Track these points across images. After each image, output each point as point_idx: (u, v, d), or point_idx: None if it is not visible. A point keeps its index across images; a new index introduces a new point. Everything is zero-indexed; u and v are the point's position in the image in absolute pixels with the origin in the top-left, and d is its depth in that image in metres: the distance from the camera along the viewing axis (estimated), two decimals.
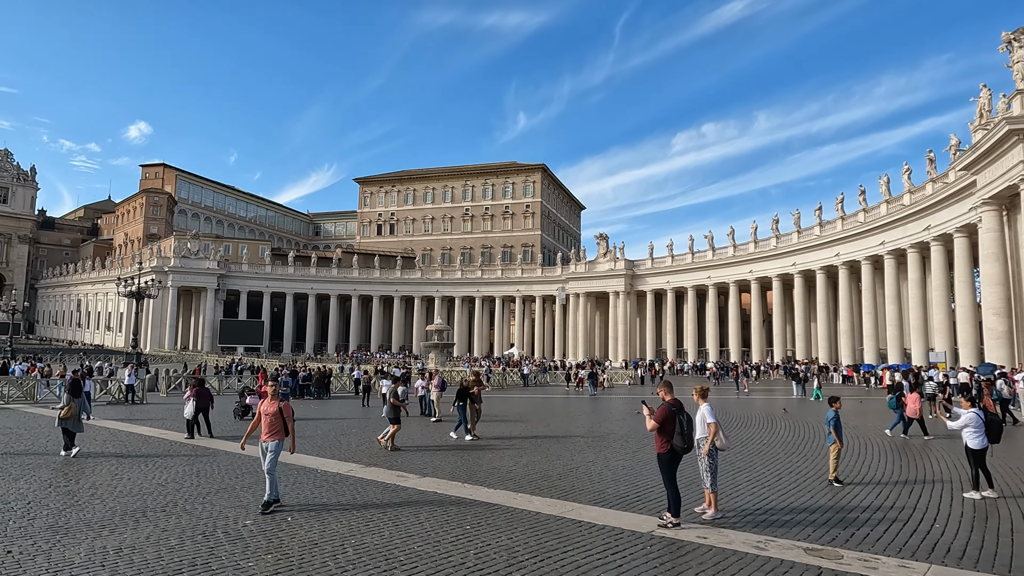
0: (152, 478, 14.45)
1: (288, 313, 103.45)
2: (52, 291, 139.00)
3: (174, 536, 9.81)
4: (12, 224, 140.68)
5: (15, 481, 13.85)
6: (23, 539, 9.55)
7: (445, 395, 28.80)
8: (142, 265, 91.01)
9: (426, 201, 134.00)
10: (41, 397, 34.69)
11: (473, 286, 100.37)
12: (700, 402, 11.61)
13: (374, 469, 15.75)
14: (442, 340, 74.78)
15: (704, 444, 11.26)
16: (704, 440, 11.30)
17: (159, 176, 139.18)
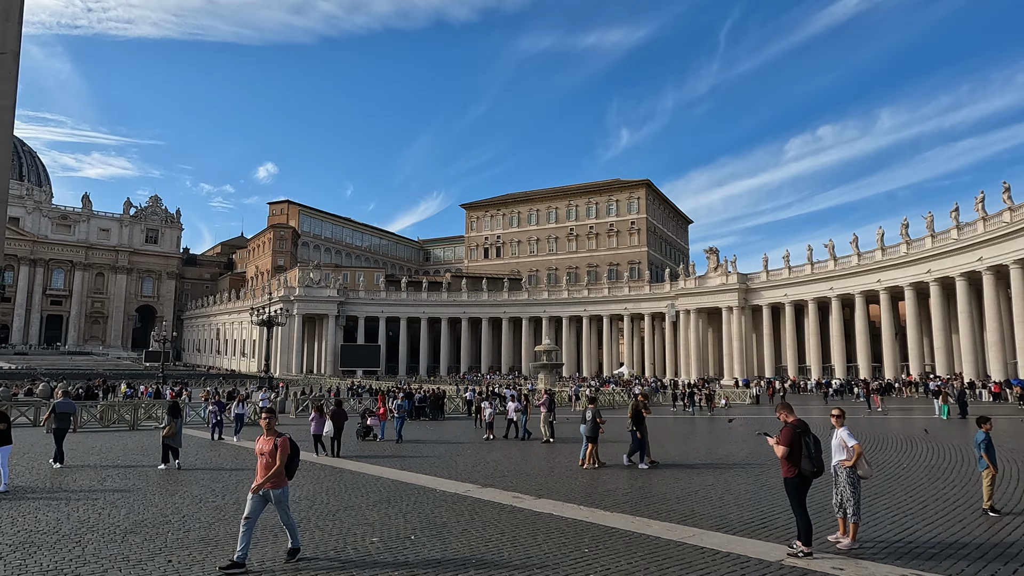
0: (291, 495, 15.42)
1: (402, 337, 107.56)
2: (195, 321, 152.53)
3: (309, 550, 10.42)
4: (161, 262, 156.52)
5: (171, 496, 15.25)
6: (180, 550, 10.50)
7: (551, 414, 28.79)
8: (271, 295, 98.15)
9: (531, 223, 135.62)
10: (188, 419, 37.96)
11: (580, 305, 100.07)
12: (837, 425, 10.97)
13: (490, 490, 15.99)
14: (551, 360, 74.89)
15: (842, 469, 10.60)
16: (840, 466, 10.65)
17: (284, 212, 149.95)
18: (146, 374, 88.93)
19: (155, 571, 9.36)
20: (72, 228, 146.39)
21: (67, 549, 10.52)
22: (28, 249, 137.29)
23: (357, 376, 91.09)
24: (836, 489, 10.74)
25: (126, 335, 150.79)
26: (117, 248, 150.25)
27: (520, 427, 29.06)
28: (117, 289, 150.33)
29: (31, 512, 13.34)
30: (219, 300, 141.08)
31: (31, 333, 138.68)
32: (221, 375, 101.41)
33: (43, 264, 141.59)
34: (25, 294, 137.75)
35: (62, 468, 19.54)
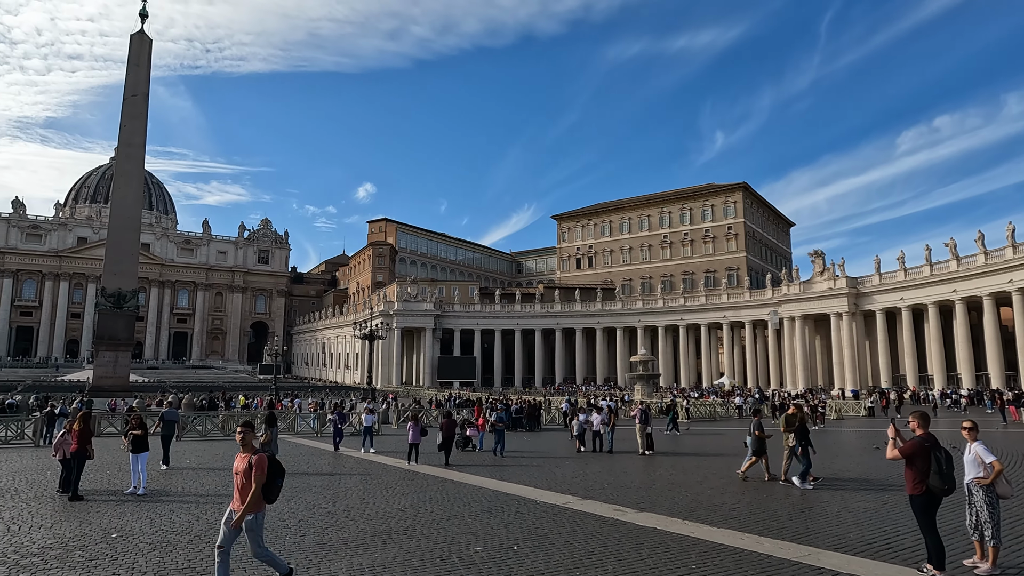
0: (393, 503, 15.95)
1: (497, 348, 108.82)
2: (303, 336, 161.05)
3: (416, 558, 10.71)
4: (272, 281, 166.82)
5: (286, 502, 16.10)
6: (297, 553, 11.08)
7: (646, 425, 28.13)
8: (372, 310, 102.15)
9: (622, 231, 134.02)
10: (300, 428, 40.03)
11: (676, 314, 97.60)
12: (971, 439, 10.11)
13: (590, 502, 15.84)
14: (647, 371, 73.50)
15: (977, 488, 9.75)
16: (975, 484, 9.79)
17: (382, 229, 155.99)
18: (260, 386, 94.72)
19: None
20: (194, 251, 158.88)
21: (198, 549, 11.34)
22: (157, 272, 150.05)
23: (454, 387, 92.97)
24: (970, 509, 9.87)
25: (242, 350, 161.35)
26: (233, 269, 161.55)
27: (607, 440, 28.15)
28: (233, 307, 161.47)
29: (166, 514, 14.49)
30: (324, 316, 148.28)
31: (161, 349, 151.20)
32: (327, 387, 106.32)
33: (170, 285, 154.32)
34: (155, 313, 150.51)
35: (169, 470, 21.74)
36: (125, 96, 54.75)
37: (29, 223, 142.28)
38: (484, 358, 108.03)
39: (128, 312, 51.59)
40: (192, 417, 37.77)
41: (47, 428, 31.27)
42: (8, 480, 19.83)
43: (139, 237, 58.33)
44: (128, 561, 10.53)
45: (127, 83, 55.03)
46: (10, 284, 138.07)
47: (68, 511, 14.90)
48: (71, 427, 17.34)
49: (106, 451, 25.27)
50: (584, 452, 27.70)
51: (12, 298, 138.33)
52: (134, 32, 55.74)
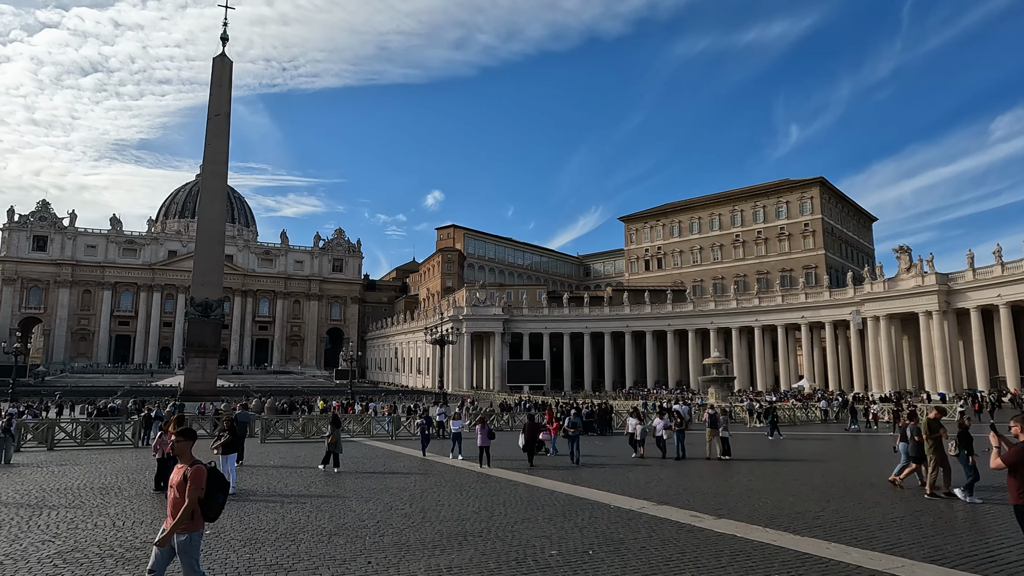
0: (468, 505, 16.15)
1: (566, 352, 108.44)
2: (376, 341, 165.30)
3: (492, 560, 10.81)
4: (346, 288, 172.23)
5: (365, 503, 16.58)
6: (377, 553, 11.38)
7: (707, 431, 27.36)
8: (442, 315, 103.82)
9: (692, 232, 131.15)
10: (375, 432, 41.05)
11: (750, 315, 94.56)
12: None
13: (666, 507, 15.57)
14: (721, 374, 71.50)
15: None
16: None
17: (450, 236, 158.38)
18: (336, 390, 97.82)
19: (357, 571, 10.22)
20: (274, 262, 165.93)
21: (284, 547, 11.82)
22: (240, 282, 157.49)
23: (523, 391, 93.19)
24: None
25: (319, 355, 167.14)
26: (309, 277, 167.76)
27: (674, 446, 26.99)
28: (310, 314, 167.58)
29: (254, 512, 15.18)
30: (395, 321, 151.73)
31: (244, 355, 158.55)
32: (400, 391, 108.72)
33: (252, 294, 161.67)
34: (239, 321, 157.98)
35: (241, 466, 22.78)
36: (209, 116, 57.85)
37: (125, 239, 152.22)
38: (553, 362, 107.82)
39: (215, 320, 54.34)
40: (274, 420, 39.39)
41: (145, 430, 33.34)
42: (112, 478, 21.27)
43: (223, 249, 61.37)
44: (221, 557, 11.09)
45: (210, 104, 58.13)
46: (109, 296, 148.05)
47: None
48: (166, 429, 18.43)
49: (197, 452, 26.68)
50: (645, 458, 26.99)
51: (112, 309, 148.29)
52: (216, 55, 58.84)
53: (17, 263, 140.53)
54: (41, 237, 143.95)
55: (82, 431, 34.37)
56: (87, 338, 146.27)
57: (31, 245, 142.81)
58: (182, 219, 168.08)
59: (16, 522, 14.05)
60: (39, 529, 13.33)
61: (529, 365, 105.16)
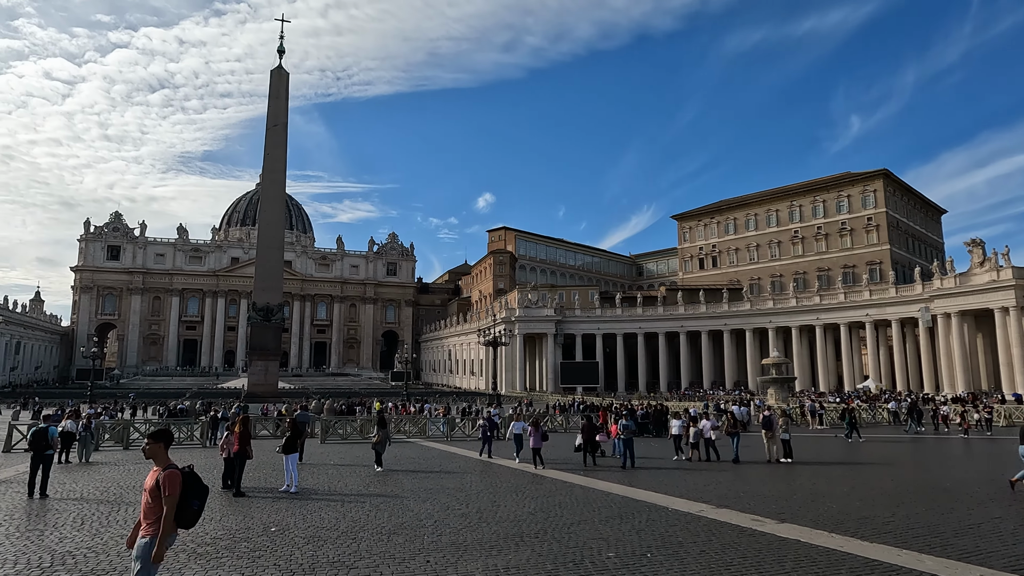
0: (523, 506, 16.19)
1: (619, 353, 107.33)
2: (430, 343, 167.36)
3: (549, 561, 10.81)
4: (400, 292, 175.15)
5: (422, 503, 16.82)
6: (435, 552, 11.53)
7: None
8: (495, 317, 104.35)
9: (748, 229, 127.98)
10: (431, 432, 41.55)
11: (811, 313, 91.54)
12: None
13: (726, 511, 15.25)
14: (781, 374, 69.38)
15: None
16: None
17: (501, 238, 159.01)
18: (392, 392, 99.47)
19: (417, 569, 10.38)
20: (330, 266, 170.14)
21: (345, 544, 12.11)
22: (298, 287, 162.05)
23: (577, 392, 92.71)
24: None
25: (375, 357, 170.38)
26: (365, 281, 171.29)
27: (733, 448, 26.06)
28: (366, 317, 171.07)
29: (316, 511, 15.60)
30: (449, 324, 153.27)
31: (303, 358, 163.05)
32: (454, 392, 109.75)
33: (309, 299, 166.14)
34: (298, 325, 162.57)
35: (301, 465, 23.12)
36: (267, 127, 59.83)
37: (191, 247, 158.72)
38: (606, 363, 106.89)
39: (275, 324, 56.11)
40: (333, 421, 40.34)
41: (212, 431, 34.65)
42: None
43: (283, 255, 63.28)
44: (286, 553, 11.45)
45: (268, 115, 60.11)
46: (177, 302, 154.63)
47: (233, 506, 16.44)
48: (233, 429, 19.12)
49: (260, 452, 27.56)
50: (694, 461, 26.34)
51: (180, 314, 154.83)
52: (273, 68, 60.79)
53: (93, 272, 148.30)
54: (114, 247, 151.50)
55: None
56: (157, 342, 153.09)
57: (105, 255, 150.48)
58: (244, 227, 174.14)
59: (97, 517, 14.83)
60: (118, 524, 14.04)
61: (582, 366, 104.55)
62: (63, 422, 25.86)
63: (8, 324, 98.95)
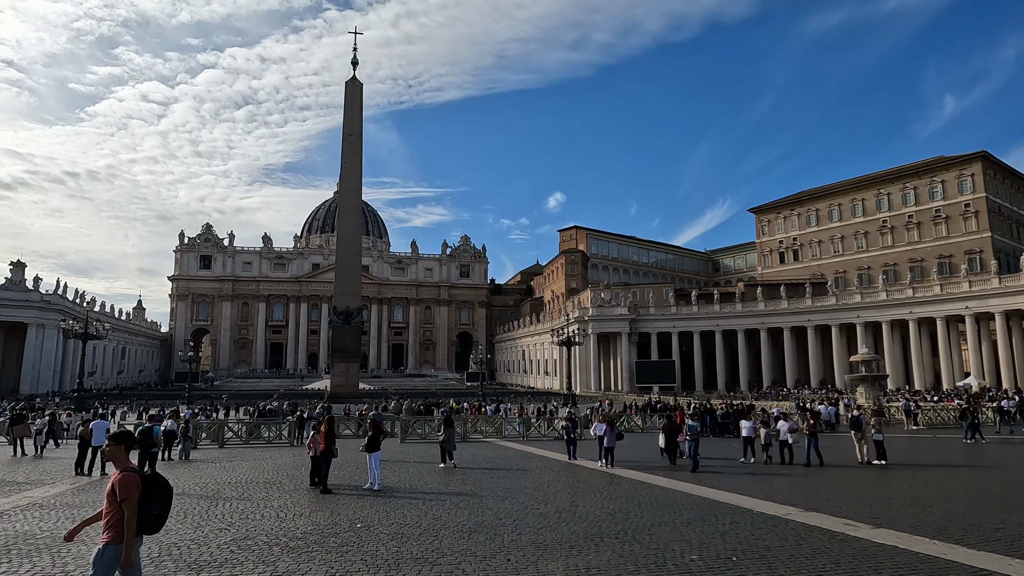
0: (602, 507, 16.07)
1: (696, 351, 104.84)
2: (503, 344, 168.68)
3: (630, 562, 10.68)
4: (473, 293, 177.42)
5: (501, 502, 16.97)
6: (516, 551, 11.61)
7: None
8: (568, 317, 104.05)
9: (831, 220, 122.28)
10: (507, 432, 41.86)
11: (903, 307, 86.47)
12: None
13: (815, 514, 14.63)
14: (871, 371, 65.87)
15: None
16: None
17: (573, 237, 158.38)
18: (468, 392, 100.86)
19: (498, 567, 10.49)
20: (405, 270, 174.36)
21: (428, 541, 12.37)
22: (376, 290, 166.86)
23: (653, 392, 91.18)
24: None
25: (450, 358, 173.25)
26: (439, 284, 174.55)
27: (808, 451, 24.58)
28: (441, 319, 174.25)
29: (399, 508, 16.02)
30: (522, 324, 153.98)
31: (382, 359, 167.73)
32: (528, 393, 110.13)
33: (386, 302, 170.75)
34: (376, 327, 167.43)
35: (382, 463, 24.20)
36: (343, 137, 61.86)
37: (275, 255, 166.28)
38: (683, 362, 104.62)
39: (355, 327, 57.93)
40: (412, 421, 41.31)
41: (299, 430, 36.15)
42: (273, 474, 23.29)
43: (360, 261, 65.25)
44: (371, 549, 11.81)
45: (344, 125, 62.14)
46: (263, 307, 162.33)
47: (321, 502, 17.10)
48: (319, 429, 19.89)
49: (343, 450, 28.55)
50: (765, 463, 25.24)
51: (266, 319, 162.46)
52: (347, 80, 62.82)
53: (188, 280, 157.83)
54: (206, 257, 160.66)
55: (246, 431, 37.97)
56: (246, 346, 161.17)
57: (198, 264, 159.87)
58: (323, 234, 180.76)
59: (198, 511, 15.76)
60: (216, 518, 14.87)
61: (658, 365, 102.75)
62: (165, 422, 27.63)
63: (115, 331, 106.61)
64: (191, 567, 10.62)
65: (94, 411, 34.52)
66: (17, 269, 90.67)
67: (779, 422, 26.61)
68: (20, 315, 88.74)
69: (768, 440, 26.00)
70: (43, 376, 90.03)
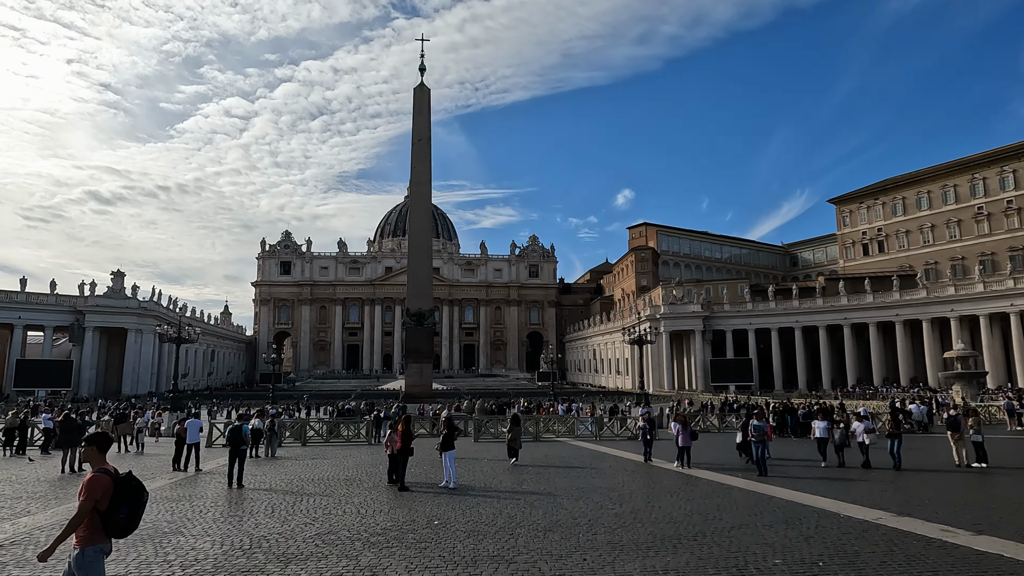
0: (679, 508, 15.78)
1: (774, 349, 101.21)
2: (574, 343, 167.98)
3: (710, 565, 10.45)
4: (542, 293, 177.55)
5: (575, 501, 16.92)
6: (592, 551, 11.56)
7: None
8: (639, 315, 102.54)
9: (920, 208, 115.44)
10: (579, 432, 41.68)
11: (1004, 300, 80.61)
12: None
13: (908, 519, 13.87)
14: (967, 368, 62.08)
15: None
16: None
17: (642, 234, 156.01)
18: (539, 392, 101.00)
19: (574, 567, 10.48)
20: (475, 271, 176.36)
21: (503, 540, 12.49)
22: (447, 292, 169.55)
23: (729, 391, 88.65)
24: None
25: (521, 358, 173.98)
26: (508, 284, 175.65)
27: (893, 453, 23.02)
28: (511, 319, 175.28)
29: (474, 506, 16.23)
30: (592, 323, 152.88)
31: (454, 360, 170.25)
32: (600, 392, 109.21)
33: (457, 303, 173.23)
34: (448, 328, 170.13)
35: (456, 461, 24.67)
36: (412, 142, 63.22)
37: (350, 259, 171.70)
38: (761, 359, 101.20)
39: (428, 329, 59.07)
40: (485, 420, 41.75)
41: (376, 429, 37.18)
42: (353, 471, 24.06)
43: (431, 263, 66.46)
44: (449, 546, 12.03)
45: (413, 130, 63.50)
46: (340, 310, 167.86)
47: (399, 499, 17.55)
48: (396, 428, 20.41)
49: (419, 449, 29.19)
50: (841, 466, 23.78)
51: (343, 322, 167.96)
52: (416, 86, 64.15)
53: (269, 286, 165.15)
54: (286, 262, 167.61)
55: (326, 429, 39.40)
56: (325, 348, 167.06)
57: (279, 270, 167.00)
58: (395, 237, 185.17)
59: (284, 506, 16.48)
60: (301, 513, 15.51)
61: (734, 363, 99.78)
62: (252, 421, 28.98)
63: (204, 335, 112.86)
64: (280, 559, 11.12)
65: (188, 411, 36.62)
66: (117, 279, 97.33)
67: (855, 422, 25.11)
68: (121, 321, 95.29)
69: (843, 441, 24.66)
70: (142, 378, 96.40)
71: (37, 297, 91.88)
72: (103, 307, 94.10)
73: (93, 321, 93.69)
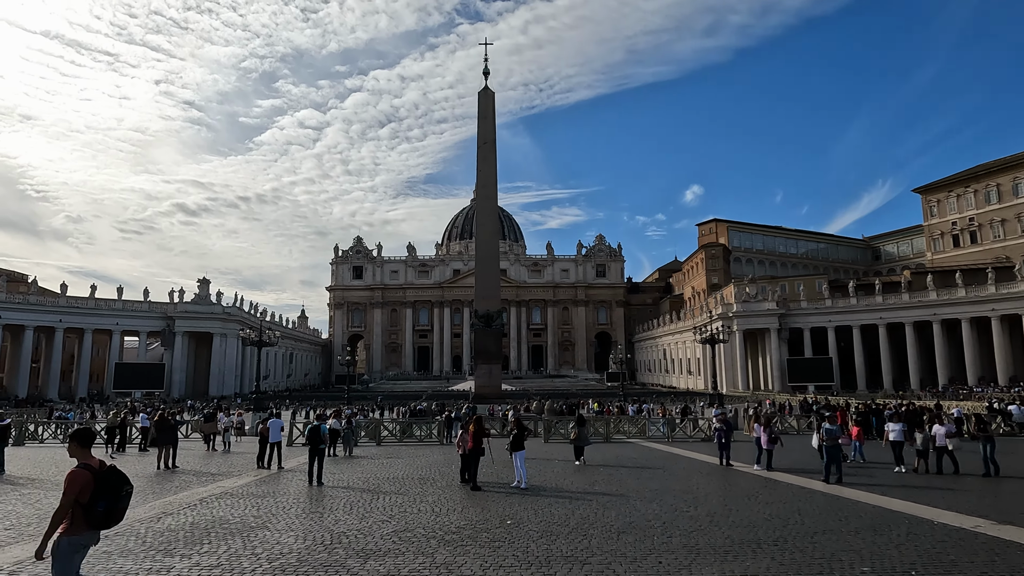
0: (758, 512, 15.30)
1: (856, 347, 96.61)
2: (643, 343, 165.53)
3: (792, 571, 10.09)
4: (610, 292, 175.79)
5: (649, 503, 16.68)
6: (667, 553, 11.37)
7: None
8: (711, 314, 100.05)
9: (1017, 195, 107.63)
10: (651, 433, 41.03)
11: None
12: None
13: (1010, 528, 12.99)
14: None
15: None
16: None
17: (713, 231, 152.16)
18: (608, 392, 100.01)
19: (649, 569, 10.33)
20: (541, 272, 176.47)
21: (576, 540, 12.45)
22: (514, 293, 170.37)
23: (809, 391, 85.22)
24: None
25: (589, 359, 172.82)
26: (575, 285, 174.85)
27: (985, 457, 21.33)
28: (578, 320, 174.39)
29: (546, 507, 16.25)
30: (661, 322, 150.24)
31: (522, 361, 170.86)
32: (671, 392, 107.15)
33: (524, 304, 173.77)
34: (516, 329, 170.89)
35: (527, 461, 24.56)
36: (478, 145, 63.84)
37: (419, 262, 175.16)
38: (842, 358, 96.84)
39: (496, 330, 59.46)
40: (554, 421, 41.71)
41: (447, 429, 37.76)
42: (426, 470, 24.53)
43: (499, 264, 66.92)
44: (522, 545, 12.09)
45: (478, 134, 64.11)
46: (410, 313, 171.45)
47: (472, 498, 17.77)
48: (468, 428, 20.68)
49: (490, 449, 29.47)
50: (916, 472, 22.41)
51: (413, 324, 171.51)
52: (480, 90, 64.77)
53: (343, 290, 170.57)
54: (358, 267, 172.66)
55: (399, 429, 40.29)
56: (396, 350, 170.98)
57: (351, 275, 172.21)
58: (462, 240, 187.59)
59: (362, 504, 16.97)
60: (379, 510, 15.93)
61: (812, 362, 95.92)
62: (329, 421, 29.98)
63: (283, 338, 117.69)
64: (359, 555, 11.47)
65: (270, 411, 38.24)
66: (203, 286, 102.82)
67: (936, 426, 23.41)
68: (207, 326, 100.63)
69: (925, 445, 23.05)
70: (227, 380, 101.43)
71: (132, 304, 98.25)
72: (191, 313, 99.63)
73: (182, 326, 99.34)
